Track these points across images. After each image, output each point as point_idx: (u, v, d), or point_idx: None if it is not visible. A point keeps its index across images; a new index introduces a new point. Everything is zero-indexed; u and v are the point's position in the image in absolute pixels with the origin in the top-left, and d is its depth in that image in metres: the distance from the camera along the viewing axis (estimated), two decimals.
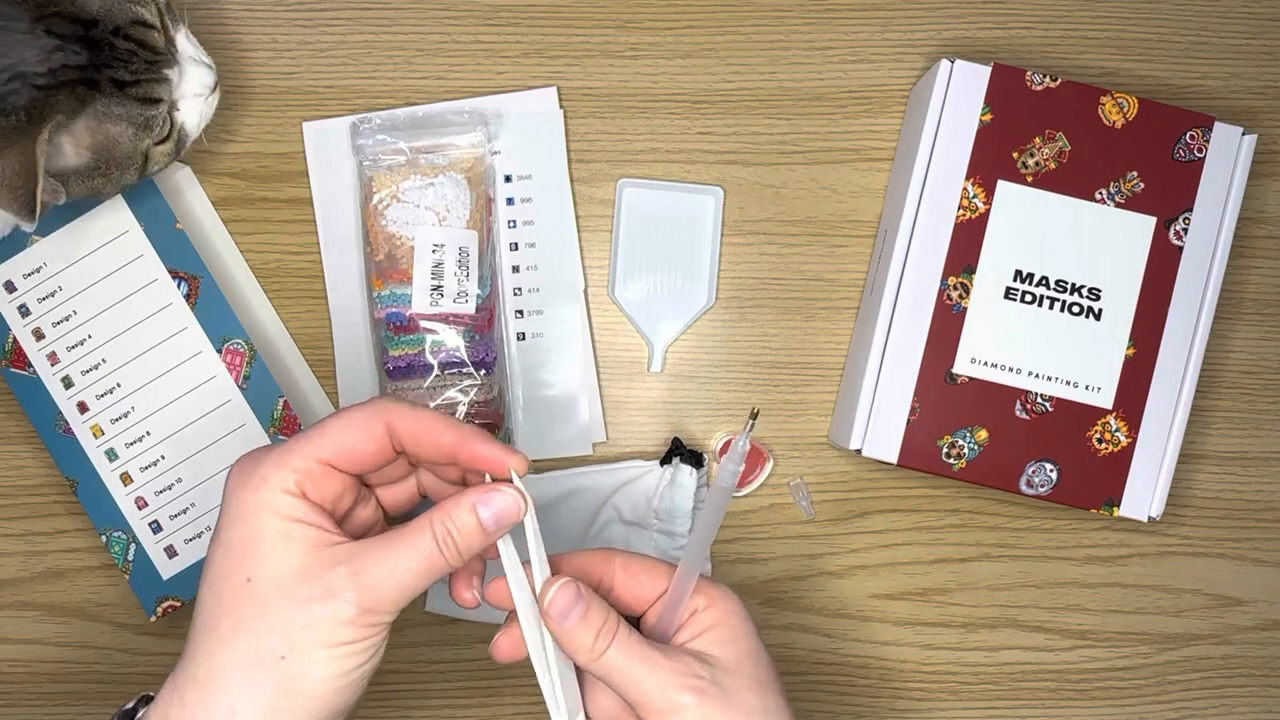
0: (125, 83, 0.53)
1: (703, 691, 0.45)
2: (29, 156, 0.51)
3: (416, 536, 0.45)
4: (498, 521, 0.46)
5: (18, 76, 0.50)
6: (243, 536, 0.45)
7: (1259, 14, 0.67)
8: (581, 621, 0.46)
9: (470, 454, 0.47)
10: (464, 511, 0.46)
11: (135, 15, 0.54)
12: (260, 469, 0.46)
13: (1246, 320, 0.67)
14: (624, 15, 0.65)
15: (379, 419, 0.47)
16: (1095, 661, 0.67)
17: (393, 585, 0.45)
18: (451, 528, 0.46)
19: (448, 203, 0.62)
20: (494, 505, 0.46)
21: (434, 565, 0.45)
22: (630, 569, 0.49)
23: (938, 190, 0.60)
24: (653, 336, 0.65)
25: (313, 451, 0.46)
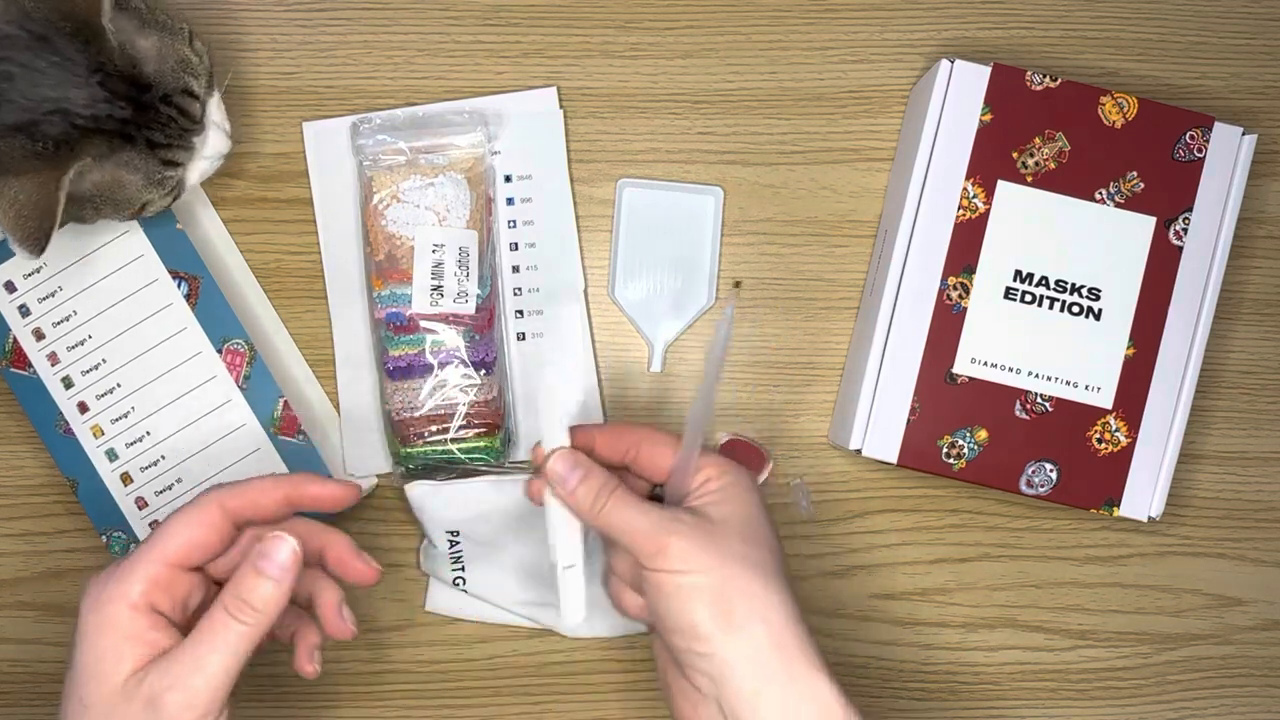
0: (158, 144, 0.55)
1: (686, 535, 0.50)
2: (49, 193, 0.52)
3: (215, 625, 0.48)
4: (283, 568, 0.49)
5: (59, 111, 0.52)
6: (82, 660, 0.48)
7: (1259, 14, 0.67)
8: (582, 484, 0.52)
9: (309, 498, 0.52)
10: (248, 577, 0.49)
11: (185, 85, 0.55)
12: (106, 589, 0.48)
13: (1246, 320, 0.67)
14: (624, 15, 0.65)
15: (211, 505, 0.50)
16: (1095, 661, 0.67)
17: (204, 679, 0.47)
18: (241, 594, 0.48)
19: (448, 203, 0.62)
20: (275, 557, 0.49)
21: (242, 639, 0.48)
22: (651, 440, 0.54)
23: (938, 190, 0.60)
24: (653, 336, 0.65)
25: (157, 556, 0.49)
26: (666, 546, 0.49)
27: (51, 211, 0.52)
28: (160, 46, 0.55)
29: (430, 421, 0.62)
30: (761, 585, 0.50)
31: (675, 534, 0.50)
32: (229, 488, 0.51)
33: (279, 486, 0.52)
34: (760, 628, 0.49)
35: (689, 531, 0.50)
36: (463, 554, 0.64)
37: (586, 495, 0.52)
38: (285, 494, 0.52)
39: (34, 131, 0.51)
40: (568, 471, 0.52)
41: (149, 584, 0.48)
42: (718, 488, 0.52)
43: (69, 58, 0.52)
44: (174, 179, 0.57)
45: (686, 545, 0.49)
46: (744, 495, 0.53)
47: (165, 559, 0.49)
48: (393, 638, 0.65)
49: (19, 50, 0.51)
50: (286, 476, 0.53)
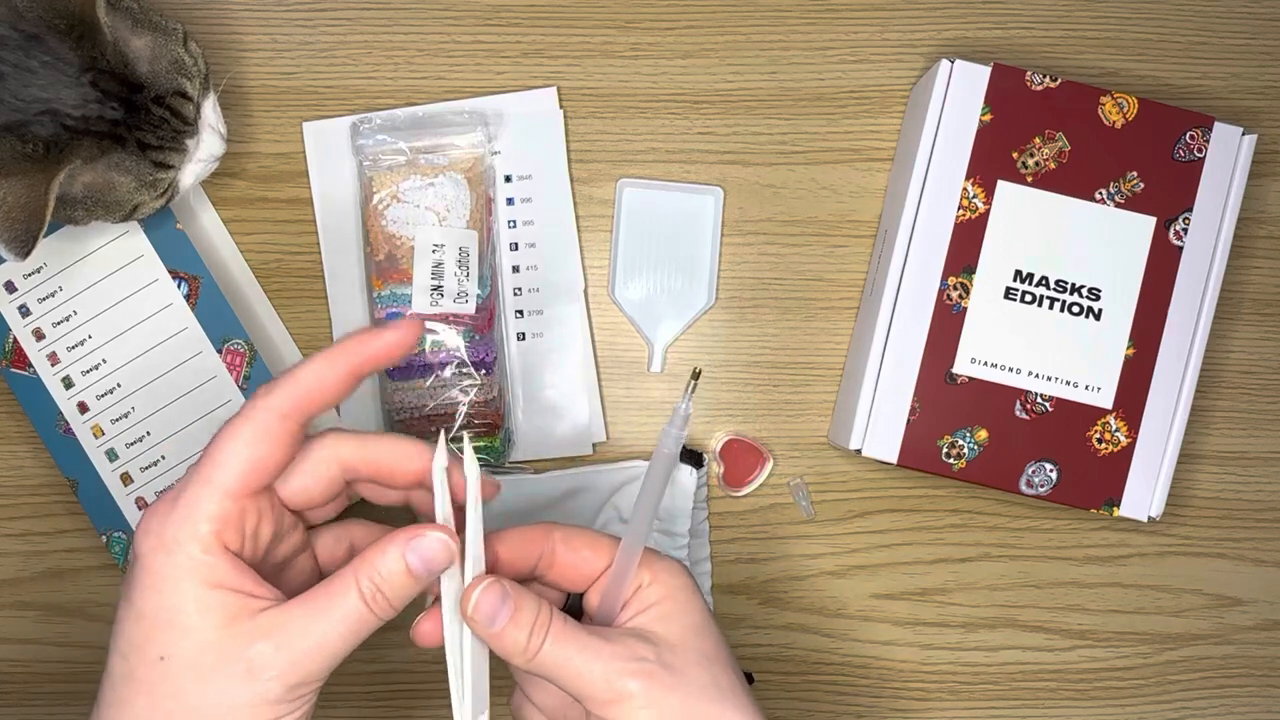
0: (150, 146, 0.54)
1: (649, 675, 0.43)
2: (39, 195, 0.51)
3: (342, 596, 0.42)
4: (428, 567, 0.43)
5: (49, 112, 0.51)
6: (156, 608, 0.41)
7: (1259, 14, 0.67)
8: (511, 623, 0.43)
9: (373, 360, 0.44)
10: (391, 560, 0.42)
11: (179, 87, 0.55)
12: (168, 527, 0.41)
13: (1246, 320, 0.67)
14: (624, 15, 0.65)
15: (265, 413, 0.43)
16: (1095, 661, 0.67)
17: (320, 655, 0.42)
18: (379, 579, 0.42)
19: (448, 203, 0.62)
20: (423, 550, 0.43)
21: (364, 624, 0.42)
22: (572, 544, 0.47)
23: (938, 190, 0.60)
24: (653, 336, 0.65)
25: (219, 487, 0.42)
26: (627, 695, 0.43)
27: (40, 214, 0.51)
28: (154, 47, 0.54)
29: (430, 421, 0.62)
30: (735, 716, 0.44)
31: (636, 676, 0.43)
32: (280, 386, 0.43)
33: (335, 359, 0.44)
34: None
35: (652, 671, 0.43)
36: None
37: (517, 636, 0.43)
38: (347, 365, 0.44)
39: (24, 132, 0.51)
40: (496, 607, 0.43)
41: (218, 522, 0.42)
42: (659, 596, 0.46)
43: (61, 57, 0.51)
44: (166, 181, 0.56)
45: (649, 688, 0.43)
46: (689, 599, 0.46)
47: (230, 488, 0.42)
48: (393, 638, 0.65)
49: (10, 50, 0.51)
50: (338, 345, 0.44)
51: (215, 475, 0.42)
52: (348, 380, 0.44)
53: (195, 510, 0.41)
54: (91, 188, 0.54)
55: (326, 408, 0.44)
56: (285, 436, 0.43)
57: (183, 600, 0.41)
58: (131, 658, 0.42)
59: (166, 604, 0.41)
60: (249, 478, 0.42)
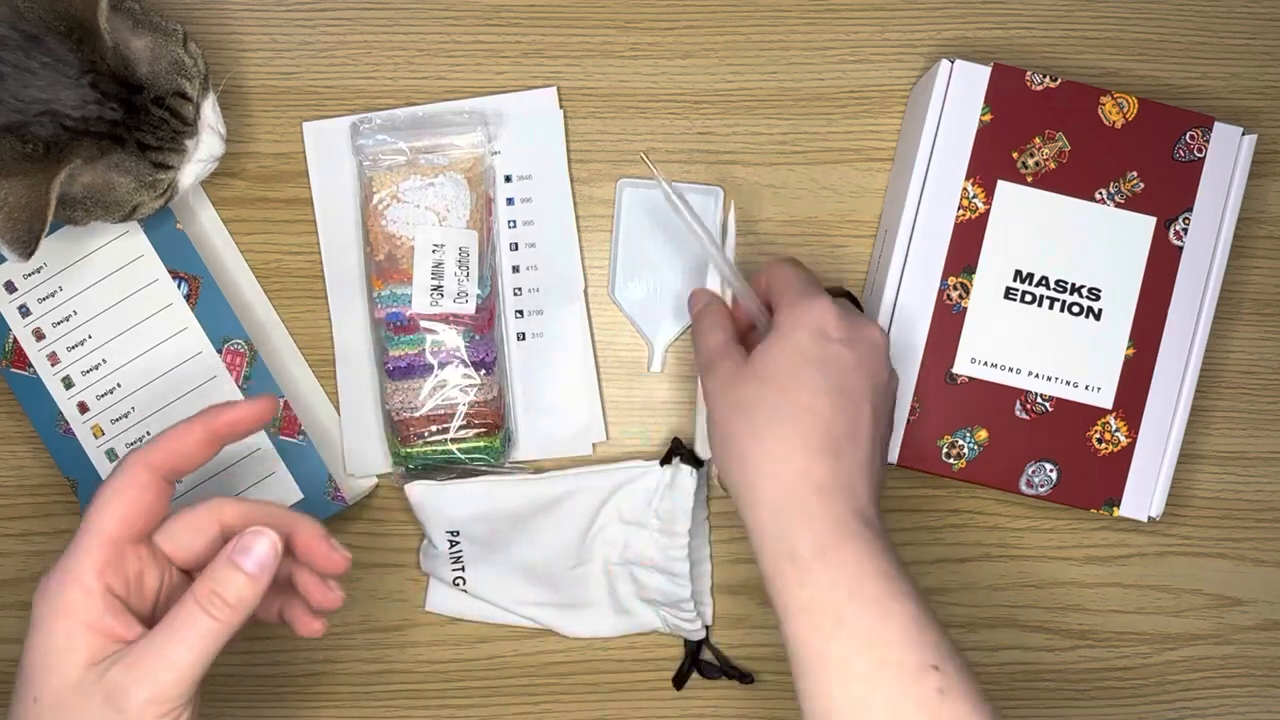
0: (149, 146, 0.55)
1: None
2: (40, 195, 0.51)
3: (186, 616, 0.46)
4: (262, 565, 0.47)
5: (49, 113, 0.51)
6: (33, 651, 0.45)
7: (1259, 14, 0.67)
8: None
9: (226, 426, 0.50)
10: (224, 570, 0.47)
11: (178, 88, 0.55)
12: (54, 575, 0.46)
13: (1246, 320, 0.67)
14: (624, 15, 0.65)
15: (135, 466, 0.48)
16: (1095, 661, 0.67)
17: (171, 671, 0.45)
18: (215, 586, 0.46)
19: (448, 203, 0.62)
20: (253, 552, 0.47)
21: (213, 635, 0.46)
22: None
23: (938, 190, 0.60)
24: (653, 336, 0.65)
25: (97, 533, 0.47)
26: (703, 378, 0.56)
27: (42, 214, 0.51)
28: (154, 48, 0.54)
29: (430, 421, 0.62)
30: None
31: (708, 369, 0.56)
32: (148, 444, 0.49)
33: (194, 425, 0.50)
34: None
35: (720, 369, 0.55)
36: (463, 554, 0.64)
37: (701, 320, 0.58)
38: (203, 429, 0.50)
39: (24, 133, 0.51)
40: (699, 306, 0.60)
41: (99, 565, 0.46)
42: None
43: (61, 58, 0.51)
44: (165, 181, 0.57)
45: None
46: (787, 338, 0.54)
47: (107, 534, 0.47)
48: (393, 638, 0.65)
49: (10, 50, 0.51)
50: (199, 414, 0.50)
51: (93, 523, 0.47)
52: (206, 443, 0.50)
53: (76, 556, 0.46)
54: (91, 188, 0.54)
55: (191, 466, 0.50)
56: (154, 486, 0.48)
57: (56, 641, 0.45)
58: (13, 701, 0.46)
59: (43, 647, 0.45)
60: (123, 523, 0.47)
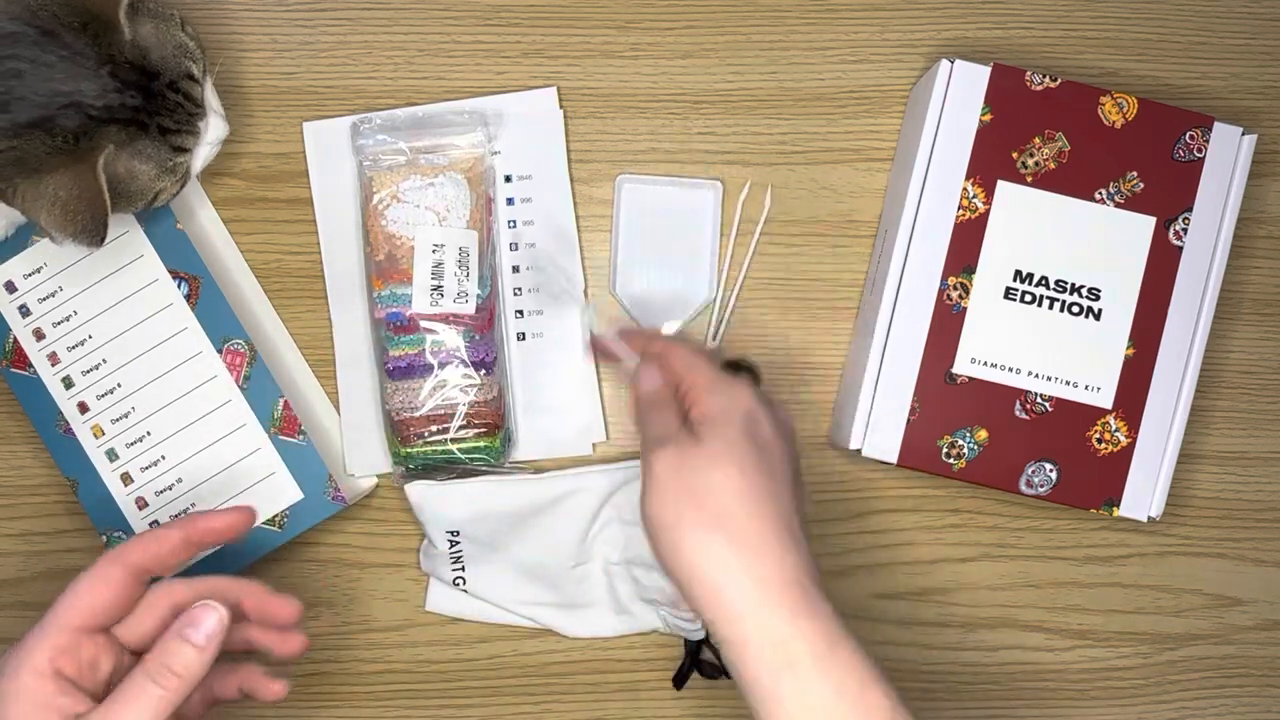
0: (168, 130, 0.55)
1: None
2: (90, 183, 0.52)
3: (135, 688, 0.48)
4: (209, 636, 0.49)
5: (73, 105, 0.52)
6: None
7: (1259, 14, 0.67)
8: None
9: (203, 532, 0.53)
10: (174, 643, 0.49)
11: (186, 70, 0.56)
12: (14, 656, 0.48)
13: (1246, 320, 0.67)
14: (624, 15, 0.65)
15: (111, 563, 0.50)
16: (1095, 661, 0.67)
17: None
18: (165, 660, 0.48)
19: (448, 203, 0.62)
20: (202, 625, 0.49)
21: (161, 705, 0.48)
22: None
23: (938, 190, 0.60)
24: None
25: (61, 621, 0.49)
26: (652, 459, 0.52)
27: (99, 199, 0.52)
28: (158, 34, 0.55)
29: (430, 421, 0.62)
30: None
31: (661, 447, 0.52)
32: (127, 544, 0.52)
33: (172, 530, 0.52)
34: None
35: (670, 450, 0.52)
36: (463, 554, 0.64)
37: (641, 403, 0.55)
38: (181, 535, 0.52)
39: (51, 126, 0.52)
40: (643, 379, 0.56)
41: (53, 650, 0.49)
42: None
43: (79, 51, 0.52)
44: (184, 165, 0.57)
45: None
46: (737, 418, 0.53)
47: (70, 624, 0.49)
48: (393, 638, 0.65)
49: (26, 46, 0.51)
50: (179, 520, 0.53)
51: (59, 611, 0.49)
52: (183, 548, 0.52)
53: (37, 641, 0.49)
54: (115, 179, 0.54)
55: (165, 569, 0.52)
56: (126, 584, 0.51)
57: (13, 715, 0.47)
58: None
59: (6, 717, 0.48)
60: (88, 615, 0.50)
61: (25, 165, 0.52)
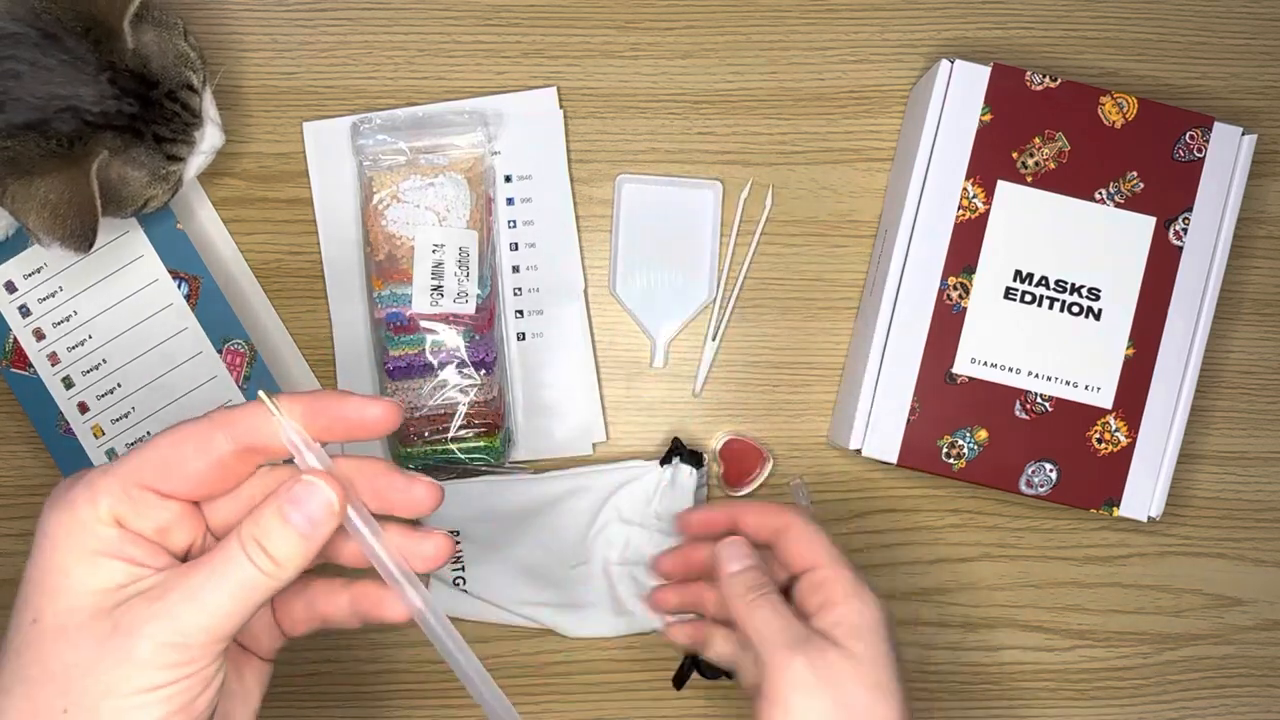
0: (163, 139, 0.55)
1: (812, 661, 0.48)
2: (82, 188, 0.52)
3: (225, 554, 0.38)
4: (313, 521, 0.39)
5: (70, 109, 0.52)
6: (39, 571, 0.38)
7: (1259, 14, 0.67)
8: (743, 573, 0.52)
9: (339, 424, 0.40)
10: (271, 516, 0.38)
11: (186, 80, 0.56)
12: (70, 493, 0.38)
13: (1246, 320, 0.67)
14: (624, 15, 0.65)
15: (211, 424, 0.39)
16: (1095, 661, 0.67)
17: (199, 614, 0.37)
18: (260, 536, 0.38)
19: (448, 203, 0.62)
20: (304, 502, 0.39)
21: (251, 584, 0.38)
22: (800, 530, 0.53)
23: (938, 190, 0.60)
24: (655, 332, 0.65)
25: (129, 471, 0.38)
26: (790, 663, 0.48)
27: (90, 204, 0.52)
28: (159, 42, 0.55)
29: (430, 421, 0.62)
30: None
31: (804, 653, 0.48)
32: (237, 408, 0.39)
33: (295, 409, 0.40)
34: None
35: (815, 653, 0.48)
36: (463, 554, 0.64)
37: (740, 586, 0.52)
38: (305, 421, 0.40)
39: (46, 129, 0.52)
40: (733, 557, 0.53)
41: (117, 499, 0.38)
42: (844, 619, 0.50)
43: (79, 55, 0.52)
44: (176, 174, 0.57)
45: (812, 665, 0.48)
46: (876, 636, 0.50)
47: (137, 477, 0.38)
48: (393, 637, 0.65)
49: (26, 48, 0.51)
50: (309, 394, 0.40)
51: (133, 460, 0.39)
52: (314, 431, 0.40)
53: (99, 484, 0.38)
54: (106, 184, 0.55)
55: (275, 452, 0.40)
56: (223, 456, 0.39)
57: (65, 562, 0.38)
58: (10, 624, 0.38)
59: (49, 566, 0.38)
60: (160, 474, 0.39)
61: (17, 166, 0.52)
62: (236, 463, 0.40)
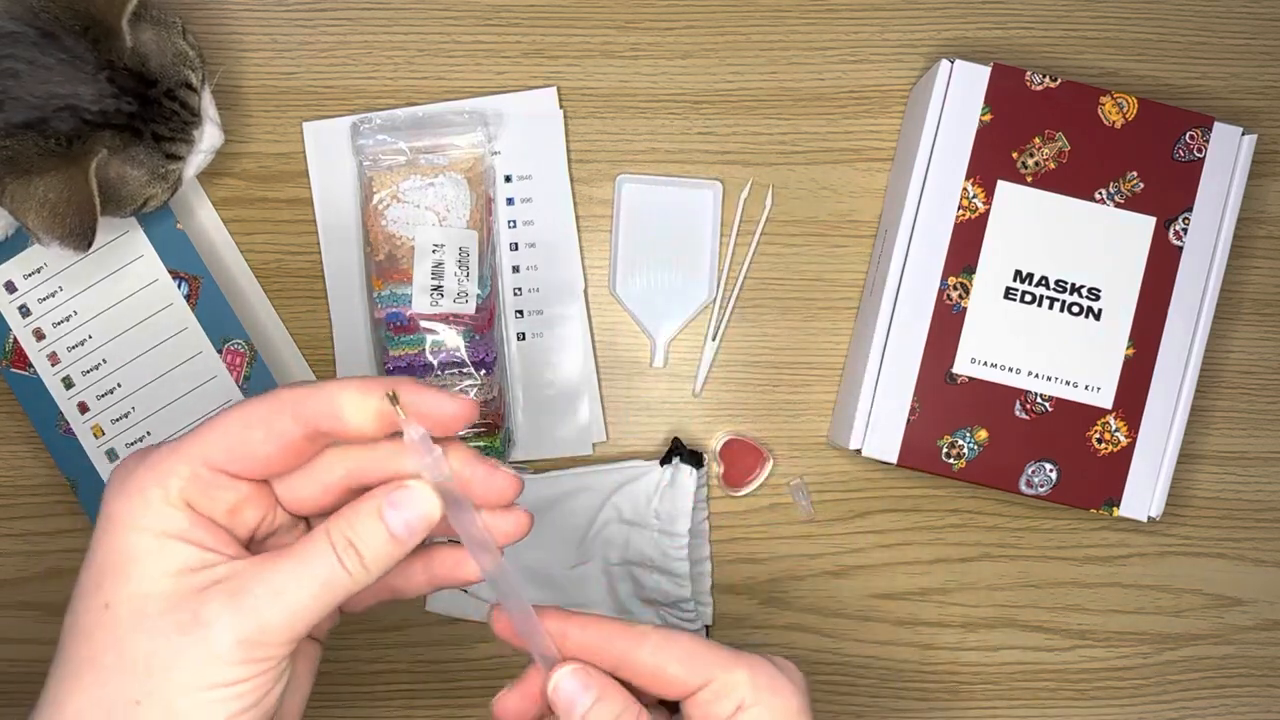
0: (162, 137, 0.55)
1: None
2: (80, 187, 0.52)
3: (312, 550, 0.37)
4: (410, 528, 0.38)
5: (69, 108, 0.52)
6: (108, 553, 0.37)
7: (1259, 14, 0.67)
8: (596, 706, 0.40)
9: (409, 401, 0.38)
10: (367, 517, 0.38)
11: (184, 79, 0.56)
12: (137, 474, 0.38)
13: (1246, 320, 0.67)
14: (624, 15, 0.65)
15: (281, 405, 0.38)
16: (1095, 661, 0.67)
17: (281, 611, 0.36)
18: (354, 536, 0.37)
19: (448, 203, 0.62)
20: (405, 508, 0.38)
21: (336, 583, 0.37)
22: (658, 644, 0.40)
23: (938, 190, 0.60)
24: (655, 332, 0.65)
25: (196, 452, 0.38)
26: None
27: (88, 205, 0.52)
28: (158, 41, 0.55)
29: None
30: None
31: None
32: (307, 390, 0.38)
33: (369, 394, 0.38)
34: None
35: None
36: None
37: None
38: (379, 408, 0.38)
39: (44, 128, 0.52)
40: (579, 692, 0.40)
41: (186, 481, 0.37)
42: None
43: (78, 54, 0.52)
44: (176, 173, 0.57)
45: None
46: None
47: (204, 458, 0.37)
48: (393, 638, 0.65)
49: (25, 47, 0.51)
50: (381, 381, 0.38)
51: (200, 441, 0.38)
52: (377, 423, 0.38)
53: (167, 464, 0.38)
54: (106, 183, 0.55)
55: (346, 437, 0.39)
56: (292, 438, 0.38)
57: (136, 546, 0.37)
58: (78, 607, 0.38)
59: (119, 548, 0.37)
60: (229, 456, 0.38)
61: (16, 165, 0.52)
62: (306, 445, 0.39)
